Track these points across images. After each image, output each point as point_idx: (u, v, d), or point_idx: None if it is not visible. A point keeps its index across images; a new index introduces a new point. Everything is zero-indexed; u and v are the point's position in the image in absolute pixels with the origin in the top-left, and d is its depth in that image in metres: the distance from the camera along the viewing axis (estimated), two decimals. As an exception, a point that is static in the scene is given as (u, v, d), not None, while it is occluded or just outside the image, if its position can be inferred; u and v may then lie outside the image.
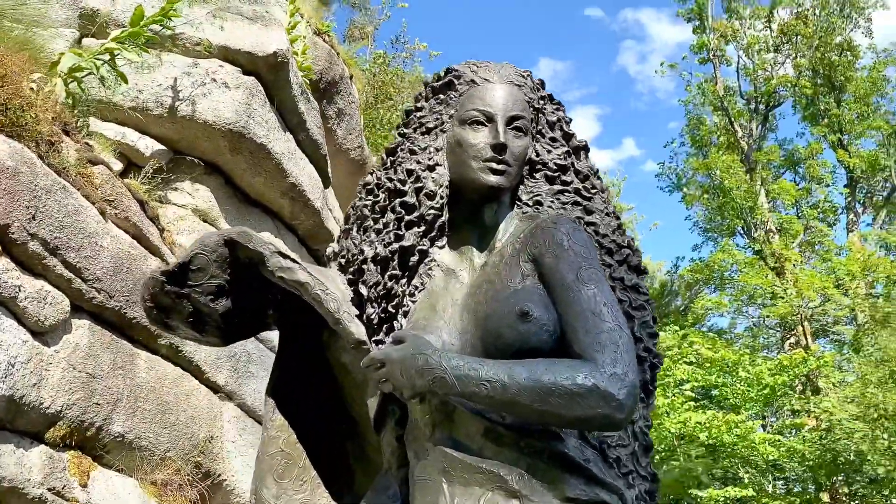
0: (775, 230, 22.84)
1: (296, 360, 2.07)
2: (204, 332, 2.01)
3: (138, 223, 4.31)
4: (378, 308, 1.82)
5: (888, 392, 12.73)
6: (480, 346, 1.61)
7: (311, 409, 2.06)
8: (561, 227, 1.67)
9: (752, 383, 17.33)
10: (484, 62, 1.89)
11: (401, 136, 1.93)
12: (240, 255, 1.92)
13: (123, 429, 3.94)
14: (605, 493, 1.54)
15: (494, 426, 1.56)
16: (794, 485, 20.27)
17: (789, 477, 19.48)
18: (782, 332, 23.56)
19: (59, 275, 3.66)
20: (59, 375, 3.61)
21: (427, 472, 1.62)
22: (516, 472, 1.52)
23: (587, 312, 1.53)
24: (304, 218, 6.01)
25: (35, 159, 3.64)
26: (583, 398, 1.42)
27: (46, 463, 3.53)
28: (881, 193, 25.03)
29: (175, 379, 4.32)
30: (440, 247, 1.84)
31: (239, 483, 4.59)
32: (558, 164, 1.90)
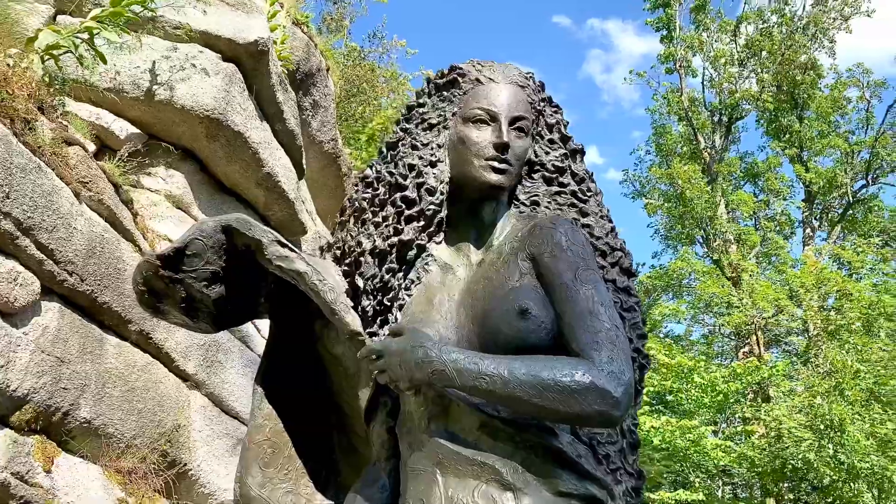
0: (733, 240, 23.36)
1: (286, 350, 2.08)
2: (195, 319, 2.01)
3: (112, 207, 4.24)
4: (374, 300, 1.83)
5: (834, 403, 13.12)
6: (477, 342, 1.65)
7: (299, 400, 2.07)
8: (560, 228, 1.71)
9: (706, 389, 17.71)
10: (488, 62, 1.92)
11: (402, 131, 1.95)
12: (237, 243, 1.92)
13: (90, 415, 3.88)
14: (595, 488, 1.58)
15: (491, 420, 1.59)
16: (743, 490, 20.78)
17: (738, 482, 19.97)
18: (737, 340, 24.11)
19: (30, 255, 3.58)
20: (27, 358, 3.53)
21: (421, 464, 1.64)
22: (511, 466, 1.56)
23: (585, 312, 1.57)
24: (277, 209, 5.96)
25: (10, 136, 3.55)
26: (580, 395, 1.46)
27: (10, 447, 3.46)
28: (837, 210, 25.78)
29: (144, 366, 4.26)
30: (437, 242, 1.86)
31: (204, 473, 4.55)
32: (556, 165, 1.94)
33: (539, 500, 1.52)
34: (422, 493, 1.61)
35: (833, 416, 13.17)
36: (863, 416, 13.38)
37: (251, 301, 2.06)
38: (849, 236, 24.54)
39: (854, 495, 13.03)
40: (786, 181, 25.26)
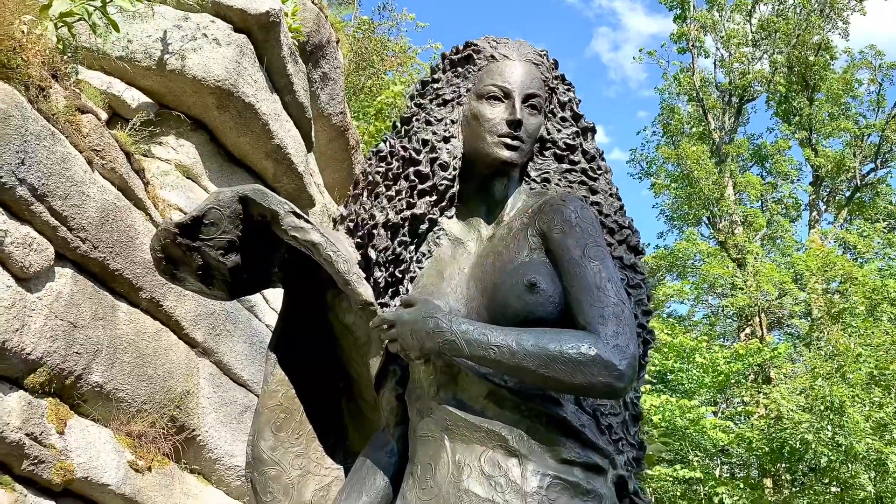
0: (739, 222, 23.33)
1: (298, 318, 2.13)
2: (211, 286, 2.06)
3: (124, 175, 4.28)
4: (386, 272, 1.88)
5: (834, 386, 13.20)
6: (487, 314, 1.69)
7: (311, 367, 2.12)
8: (570, 205, 1.75)
9: (707, 370, 17.82)
10: (503, 39, 1.95)
11: (417, 107, 1.98)
12: (252, 213, 1.96)
13: (102, 379, 3.96)
14: (597, 456, 1.64)
15: (498, 389, 1.64)
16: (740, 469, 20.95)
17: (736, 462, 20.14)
18: (739, 322, 24.17)
19: (45, 222, 3.64)
20: (41, 322, 3.60)
21: (430, 430, 1.70)
22: (516, 433, 1.61)
23: (592, 287, 1.62)
24: (286, 181, 5.99)
25: (25, 103, 3.59)
26: (586, 367, 1.51)
27: (25, 408, 3.54)
28: (844, 193, 25.69)
29: (154, 333, 4.33)
30: (449, 217, 1.90)
31: (212, 439, 4.64)
32: (568, 143, 1.97)
33: (542, 467, 1.58)
34: (430, 458, 1.67)
35: (833, 399, 13.26)
36: (862, 399, 13.47)
37: (265, 270, 2.10)
38: (855, 220, 24.46)
39: (851, 476, 13.16)
40: (794, 164, 25.17)
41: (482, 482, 1.58)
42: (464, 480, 1.60)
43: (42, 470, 3.60)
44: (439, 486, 1.62)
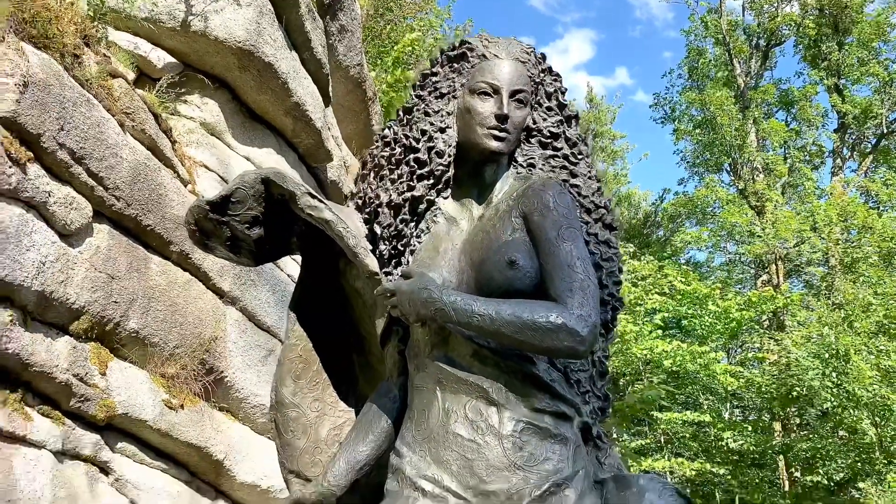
0: (761, 169, 23.19)
1: (314, 282, 2.42)
2: (238, 254, 2.35)
3: (153, 136, 4.56)
4: (389, 246, 2.16)
5: (841, 334, 13.42)
6: (474, 285, 1.97)
7: (326, 324, 2.43)
8: (549, 191, 2.00)
9: (719, 317, 18.07)
10: (494, 38, 2.17)
11: (417, 98, 2.22)
12: (273, 192, 2.23)
13: (138, 325, 4.32)
14: (565, 406, 1.94)
15: (481, 349, 1.93)
16: (751, 413, 21.40)
17: (747, 406, 20.56)
18: (756, 269, 24.27)
19: (83, 182, 3.95)
20: (82, 274, 3.95)
21: (424, 382, 2.00)
22: (496, 386, 1.91)
23: (564, 265, 1.88)
24: (304, 137, 6.24)
25: (62, 71, 3.86)
26: (553, 333, 1.79)
27: (71, 352, 3.92)
28: (869, 141, 25.32)
29: (184, 283, 4.67)
30: (445, 198, 2.17)
31: (238, 380, 5.04)
32: (552, 131, 2.21)
33: (517, 414, 1.88)
34: (424, 405, 1.98)
35: (839, 347, 13.51)
36: (869, 347, 13.70)
37: (285, 240, 2.39)
38: (879, 168, 24.19)
39: (854, 421, 13.50)
40: (819, 110, 24.77)
41: (466, 426, 1.89)
42: (451, 424, 1.91)
43: (87, 406, 4.00)
44: (431, 429, 1.93)
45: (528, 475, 1.83)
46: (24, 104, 3.52)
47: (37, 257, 3.62)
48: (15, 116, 3.50)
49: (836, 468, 14.21)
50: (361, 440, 2.14)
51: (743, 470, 17.76)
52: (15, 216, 3.52)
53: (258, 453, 5.07)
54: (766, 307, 18.41)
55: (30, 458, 3.64)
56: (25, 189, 3.58)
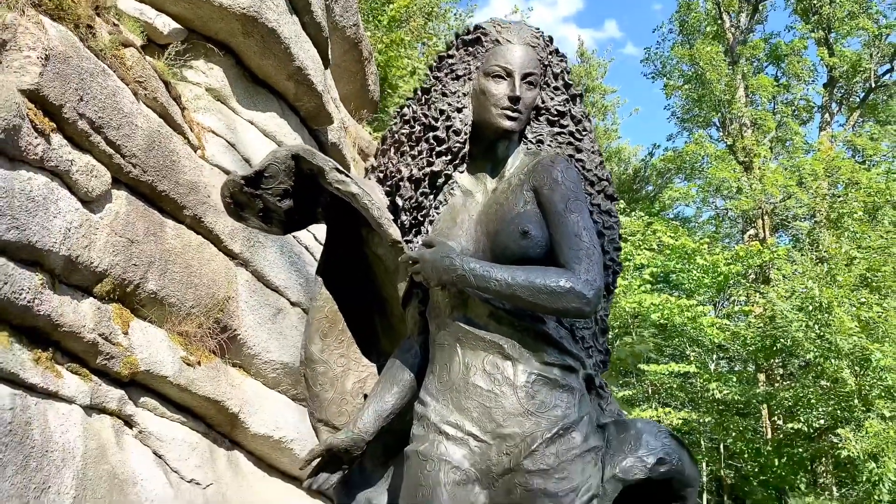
0: (749, 125, 23.35)
1: (339, 249, 2.64)
2: (269, 224, 2.56)
3: (164, 103, 4.70)
4: (410, 216, 2.37)
5: (825, 288, 13.79)
6: (490, 253, 2.19)
7: (350, 288, 2.65)
8: (557, 166, 2.21)
9: (707, 271, 18.44)
10: (506, 23, 2.35)
11: (435, 79, 2.40)
12: (303, 167, 2.43)
13: (156, 287, 4.53)
14: (571, 360, 2.18)
15: (497, 310, 2.16)
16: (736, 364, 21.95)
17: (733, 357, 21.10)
18: (744, 224, 24.63)
19: (102, 151, 4.11)
20: (104, 239, 4.14)
21: (445, 339, 2.24)
22: (511, 343, 2.14)
23: (571, 234, 2.10)
24: (306, 100, 6.37)
25: (78, 42, 3.98)
26: (563, 296, 2.02)
27: (96, 313, 4.14)
28: (858, 95, 25.47)
29: (198, 246, 4.87)
30: (461, 172, 2.37)
31: (250, 337, 5.27)
32: (559, 110, 2.41)
33: (529, 367, 2.12)
34: (446, 360, 2.22)
35: (822, 300, 13.90)
36: (851, 299, 14.10)
37: (312, 211, 2.59)
38: (867, 123, 24.40)
39: (834, 371, 13.97)
40: (808, 65, 24.83)
41: (485, 378, 2.13)
42: (471, 377, 2.15)
43: (112, 364, 4.23)
44: (453, 381, 2.17)
45: (539, 420, 2.08)
46: (46, 77, 3.66)
47: (63, 224, 3.81)
48: (38, 88, 3.64)
49: (817, 416, 14.75)
50: (387, 391, 2.38)
51: (728, 419, 18.37)
52: (42, 185, 3.69)
53: (270, 406, 5.34)
54: (753, 261, 18.78)
55: (62, 413, 3.88)
56: (50, 158, 3.74)
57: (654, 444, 2.14)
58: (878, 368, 13.69)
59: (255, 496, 5.12)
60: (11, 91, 3.43)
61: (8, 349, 3.55)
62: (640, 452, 2.12)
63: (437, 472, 2.08)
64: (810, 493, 14.39)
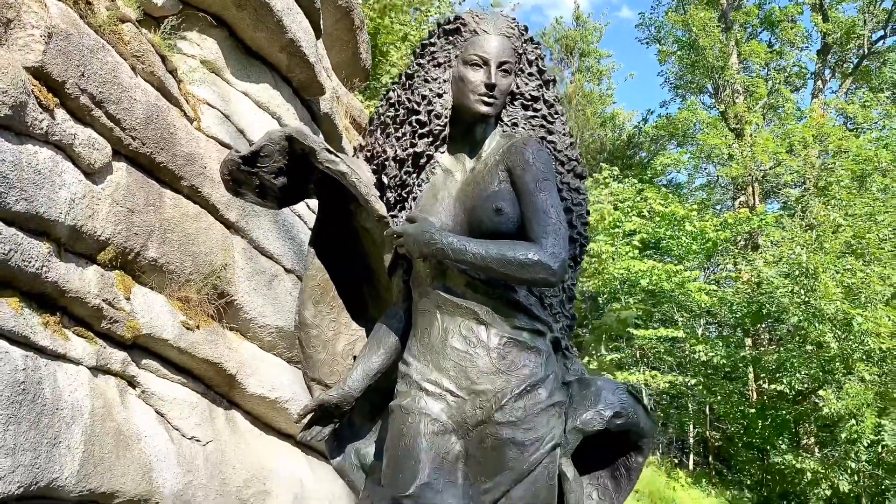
0: (741, 91, 23.43)
1: (330, 222, 2.85)
2: (265, 199, 2.77)
3: (161, 77, 4.85)
4: (395, 193, 2.57)
5: (812, 254, 14.09)
6: (467, 228, 2.40)
7: (340, 258, 2.87)
8: (529, 148, 2.42)
9: (696, 237, 18.72)
10: (483, 14, 2.53)
11: (418, 65, 2.59)
12: (295, 147, 2.63)
13: (156, 254, 4.74)
14: (539, 324, 2.41)
15: (473, 280, 2.38)
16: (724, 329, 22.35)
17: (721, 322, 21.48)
18: (735, 190, 24.85)
19: (103, 124, 4.28)
20: (106, 209, 4.33)
21: (426, 306, 2.46)
22: (485, 309, 2.37)
23: (540, 211, 2.32)
24: (298, 72, 6.50)
25: (78, 19, 4.13)
26: (531, 267, 2.24)
27: (99, 279, 4.34)
28: (851, 62, 25.51)
29: (195, 215, 5.06)
30: (442, 153, 2.57)
31: (246, 302, 5.50)
32: (532, 95, 2.61)
33: (501, 331, 2.36)
34: (427, 325, 2.45)
35: (808, 266, 14.22)
36: (836, 266, 14.43)
37: (304, 187, 2.80)
38: (859, 90, 24.49)
39: (818, 335, 14.36)
40: (802, 31, 24.82)
41: (461, 340, 2.37)
42: (449, 339, 2.38)
43: (116, 328, 4.46)
44: (433, 343, 2.41)
45: (509, 378, 2.32)
46: (49, 54, 3.81)
47: (67, 195, 3.99)
48: (42, 66, 3.80)
49: (800, 378, 15.16)
50: (374, 353, 2.61)
51: (714, 382, 18.81)
52: (47, 158, 3.87)
53: (266, 368, 5.59)
54: (742, 228, 19.05)
55: (70, 373, 4.11)
56: (55, 132, 3.91)
57: (611, 399, 2.39)
58: (859, 333, 14.08)
59: (251, 453, 5.40)
60: (17, 69, 3.59)
61: (19, 314, 3.77)
62: (598, 406, 2.37)
63: (418, 424, 2.33)
64: (790, 452, 14.87)
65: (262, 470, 5.31)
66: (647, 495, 15.42)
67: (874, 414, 13.39)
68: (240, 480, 5.09)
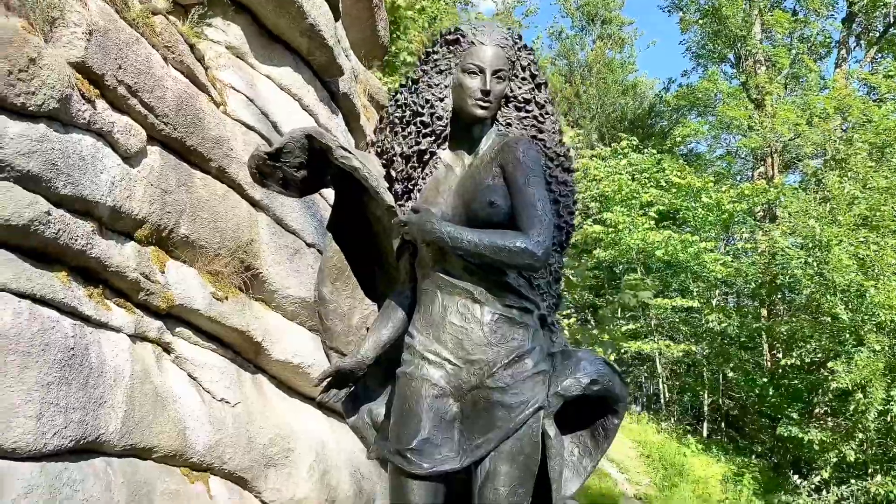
0: (763, 61, 23.25)
1: (345, 209, 3.19)
2: (287, 189, 3.12)
3: (190, 65, 5.19)
4: (402, 186, 2.90)
5: (826, 226, 14.20)
6: (465, 218, 2.73)
7: (354, 241, 3.21)
8: (520, 147, 2.73)
9: (712, 209, 18.83)
10: (481, 26, 2.83)
11: (422, 72, 2.90)
12: (314, 145, 2.96)
13: (187, 231, 5.12)
14: (528, 303, 2.75)
15: (469, 264, 2.71)
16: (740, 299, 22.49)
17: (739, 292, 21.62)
18: (755, 161, 24.78)
19: (138, 112, 4.64)
20: (142, 190, 4.71)
21: (429, 286, 2.81)
22: (479, 290, 2.71)
23: (528, 204, 2.63)
24: (318, 55, 6.81)
25: (115, 15, 4.46)
26: (518, 254, 2.57)
27: (137, 255, 4.74)
28: (877, 30, 25.12)
29: (223, 194, 5.43)
30: (443, 150, 2.89)
31: (271, 275, 5.88)
32: (525, 97, 2.91)
33: (493, 309, 2.70)
34: (429, 302, 2.79)
35: (822, 238, 14.34)
36: (850, 239, 14.52)
37: (322, 179, 3.14)
38: (884, 59, 24.16)
39: (830, 307, 14.52)
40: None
41: (458, 316, 2.71)
42: (448, 315, 2.73)
43: (152, 299, 4.86)
44: (434, 319, 2.76)
45: (499, 349, 2.67)
46: (90, 49, 4.16)
47: (108, 178, 4.37)
48: (84, 60, 4.15)
49: (810, 350, 15.36)
50: (384, 326, 2.97)
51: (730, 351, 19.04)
52: (89, 145, 4.24)
53: (289, 336, 5.99)
54: (759, 200, 19.11)
55: (112, 340, 4.53)
56: (96, 121, 4.28)
57: (589, 368, 2.73)
58: (871, 305, 14.22)
59: (276, 414, 5.83)
60: (62, 64, 3.95)
61: (68, 287, 4.18)
62: (577, 375, 2.71)
63: (420, 388, 2.69)
64: (801, 422, 15.15)
65: (285, 429, 5.74)
66: (658, 460, 15.85)
67: (884, 385, 13.60)
68: (265, 439, 5.52)
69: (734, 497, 14.14)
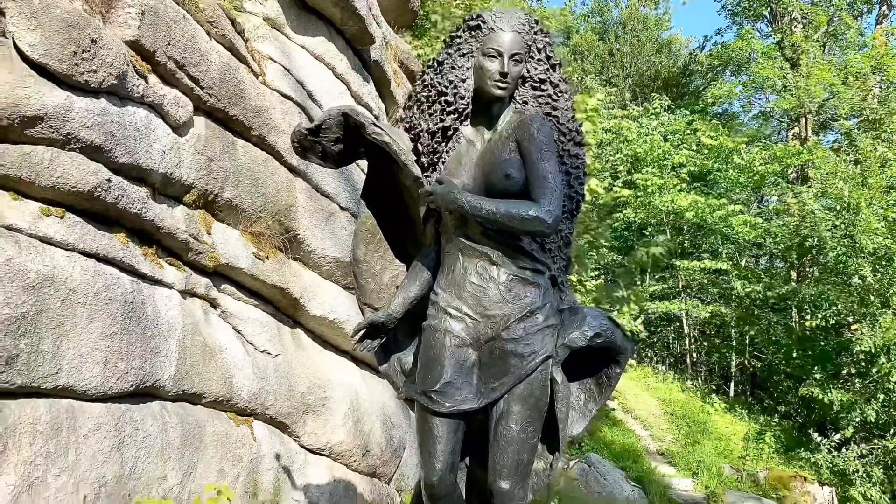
0: (800, 20, 22.79)
1: (377, 179, 3.53)
2: (326, 161, 3.46)
3: (231, 39, 5.51)
4: (427, 159, 3.23)
5: (855, 190, 14.18)
6: (484, 189, 3.05)
7: (385, 208, 3.55)
8: (534, 124, 3.03)
9: (743, 170, 18.77)
10: (501, 13, 3.11)
11: (447, 55, 3.19)
12: (350, 121, 3.29)
13: (231, 195, 5.51)
14: (539, 265, 3.08)
15: (487, 230, 3.04)
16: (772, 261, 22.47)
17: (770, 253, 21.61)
18: (790, 122, 24.46)
19: (186, 85, 4.99)
20: (190, 158, 5.09)
21: (451, 249, 3.15)
22: (496, 253, 3.05)
23: (540, 177, 2.94)
24: (350, 24, 7.07)
25: (162, -5, 4.79)
26: (531, 221, 2.88)
27: (186, 218, 5.14)
28: (922, -16, 24.38)
29: (263, 161, 5.80)
30: (465, 126, 3.20)
31: (307, 237, 6.27)
32: (540, 78, 3.19)
33: (508, 270, 3.03)
34: (451, 264, 3.14)
35: (850, 200, 14.33)
36: (880, 201, 14.49)
37: (356, 151, 3.47)
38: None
39: (856, 269, 14.58)
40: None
41: (477, 276, 3.05)
42: (468, 276, 3.07)
43: (200, 258, 5.27)
44: (456, 278, 3.10)
45: (514, 306, 3.01)
46: (143, 28, 4.51)
47: (160, 147, 4.76)
48: (137, 39, 4.51)
49: (836, 312, 15.45)
50: (412, 284, 3.33)
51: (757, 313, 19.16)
52: (143, 117, 4.62)
53: (325, 293, 6.40)
54: (791, 161, 18.99)
55: (165, 296, 4.96)
56: (148, 95, 4.65)
57: (594, 323, 3.06)
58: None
59: (313, 365, 6.27)
60: (119, 43, 4.30)
61: (126, 247, 4.60)
62: (582, 328, 3.05)
63: (443, 339, 3.06)
64: (823, 383, 15.33)
65: (322, 379, 6.19)
66: (682, 418, 16.21)
67: (908, 347, 13.71)
68: (304, 388, 5.97)
69: (755, 453, 14.47)
